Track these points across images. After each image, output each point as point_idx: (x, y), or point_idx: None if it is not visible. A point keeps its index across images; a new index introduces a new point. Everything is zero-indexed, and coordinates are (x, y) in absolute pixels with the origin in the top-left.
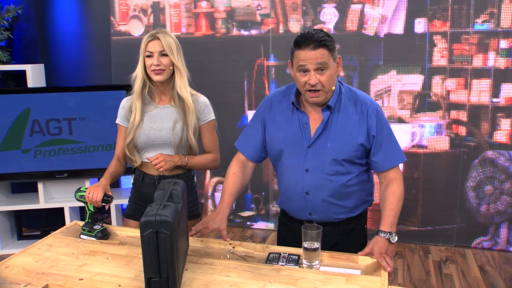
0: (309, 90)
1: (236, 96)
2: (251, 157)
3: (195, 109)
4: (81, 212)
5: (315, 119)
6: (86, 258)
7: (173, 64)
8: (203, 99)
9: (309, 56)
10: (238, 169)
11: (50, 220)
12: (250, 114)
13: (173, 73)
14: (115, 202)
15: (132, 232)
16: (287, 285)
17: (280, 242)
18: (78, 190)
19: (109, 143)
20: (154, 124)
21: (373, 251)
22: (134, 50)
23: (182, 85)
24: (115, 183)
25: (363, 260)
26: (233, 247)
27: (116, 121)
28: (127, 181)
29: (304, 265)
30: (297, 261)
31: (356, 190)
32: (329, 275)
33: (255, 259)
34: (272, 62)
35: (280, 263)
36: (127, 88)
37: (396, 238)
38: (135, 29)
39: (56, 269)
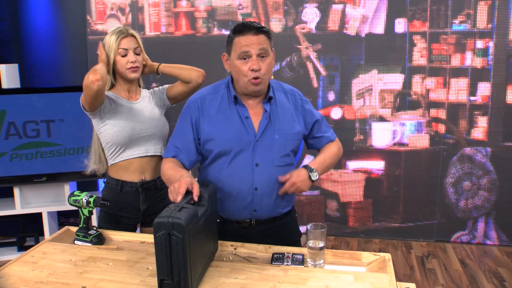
0: (253, 78)
1: None
2: (188, 162)
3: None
4: (58, 217)
5: (255, 113)
6: (86, 265)
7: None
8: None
9: (252, 40)
10: (174, 163)
11: (27, 227)
12: None
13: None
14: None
15: (129, 237)
16: (297, 285)
17: None
18: (72, 194)
19: (89, 145)
20: (134, 117)
21: (291, 176)
22: None
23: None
24: (94, 187)
25: (366, 257)
26: (235, 249)
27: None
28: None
29: (309, 264)
30: (302, 261)
31: None
32: (337, 273)
33: (259, 260)
34: None
35: (285, 263)
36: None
37: (316, 176)
38: (113, 28)
39: (55, 277)
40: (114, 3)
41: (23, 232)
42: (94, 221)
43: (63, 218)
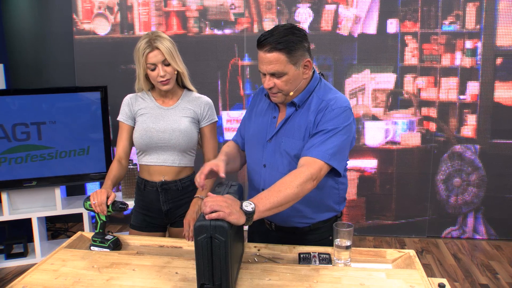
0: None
1: (210, 97)
2: (241, 144)
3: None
4: (46, 223)
5: (283, 115)
6: (110, 271)
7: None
8: (206, 99)
9: (264, 59)
10: (233, 144)
11: (14, 233)
12: (224, 114)
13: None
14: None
15: (146, 241)
16: (332, 284)
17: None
18: (87, 198)
19: (82, 147)
20: (156, 125)
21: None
22: (99, 50)
23: (189, 84)
24: (81, 190)
25: (391, 254)
26: (258, 250)
27: (118, 118)
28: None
29: (337, 263)
30: (329, 260)
31: (316, 194)
32: (369, 271)
33: (284, 260)
34: (246, 61)
35: (313, 263)
36: (101, 90)
37: (248, 209)
38: (101, 28)
39: (82, 285)
40: (102, 1)
41: (11, 239)
42: (87, 227)
43: (50, 224)
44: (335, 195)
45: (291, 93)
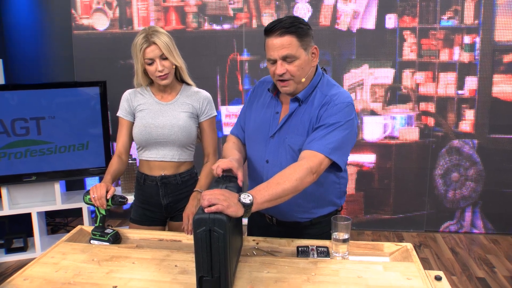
0: (279, 80)
1: (209, 92)
2: (242, 139)
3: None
4: (46, 218)
5: (285, 110)
6: (110, 264)
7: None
8: (205, 93)
9: (275, 45)
10: (238, 141)
11: (14, 228)
12: (223, 109)
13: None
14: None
15: (145, 234)
16: (330, 277)
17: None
18: (87, 193)
19: (81, 142)
20: (155, 121)
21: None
22: (98, 45)
23: (187, 78)
24: (81, 185)
25: (388, 247)
26: (257, 243)
27: (118, 114)
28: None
29: (335, 256)
30: (327, 253)
31: (318, 190)
32: (366, 264)
33: (282, 253)
34: (245, 57)
35: (311, 256)
36: (100, 85)
37: (247, 199)
38: (99, 23)
39: (82, 278)
40: None
41: (11, 233)
42: (86, 221)
43: (49, 218)
44: (336, 190)
45: (303, 80)
